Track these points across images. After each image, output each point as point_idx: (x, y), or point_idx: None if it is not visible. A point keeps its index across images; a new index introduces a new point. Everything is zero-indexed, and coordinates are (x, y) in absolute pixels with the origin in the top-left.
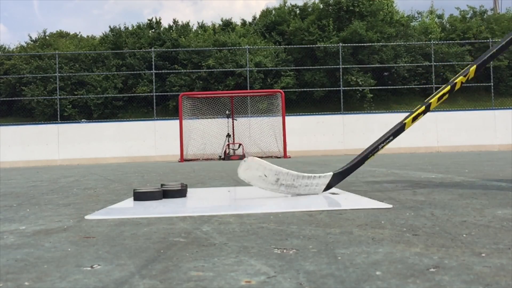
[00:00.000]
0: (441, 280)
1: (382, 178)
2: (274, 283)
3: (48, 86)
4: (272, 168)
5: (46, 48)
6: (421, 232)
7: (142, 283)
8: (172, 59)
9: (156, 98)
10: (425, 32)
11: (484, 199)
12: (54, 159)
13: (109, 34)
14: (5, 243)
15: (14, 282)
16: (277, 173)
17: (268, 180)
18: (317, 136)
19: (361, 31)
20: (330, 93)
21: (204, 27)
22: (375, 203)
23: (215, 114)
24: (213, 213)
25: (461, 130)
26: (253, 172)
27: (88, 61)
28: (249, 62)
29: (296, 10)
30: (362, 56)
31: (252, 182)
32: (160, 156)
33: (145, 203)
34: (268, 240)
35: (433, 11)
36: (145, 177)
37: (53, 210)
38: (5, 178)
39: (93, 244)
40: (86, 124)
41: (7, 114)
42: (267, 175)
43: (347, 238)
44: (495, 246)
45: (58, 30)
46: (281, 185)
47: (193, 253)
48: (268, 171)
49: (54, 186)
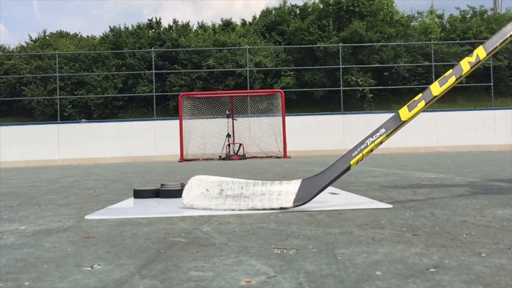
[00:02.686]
0: (441, 280)
1: (382, 178)
2: (274, 283)
3: (48, 86)
4: (214, 179)
5: (46, 48)
6: (421, 232)
7: (142, 283)
8: (172, 59)
9: (156, 98)
10: (425, 32)
11: (484, 199)
12: (54, 159)
13: (109, 34)
14: (5, 243)
15: (14, 282)
16: (220, 183)
17: (211, 195)
18: (317, 136)
19: (361, 31)
20: (330, 93)
21: (204, 27)
22: (375, 203)
23: (215, 114)
24: (213, 213)
25: (461, 130)
26: (194, 191)
27: (88, 61)
28: (249, 62)
29: (296, 10)
30: (362, 56)
31: (194, 204)
32: (160, 156)
33: (145, 203)
34: (268, 240)
35: (433, 11)
36: (145, 177)
37: (53, 210)
38: (5, 178)
39: (93, 244)
40: (86, 124)
41: (7, 114)
42: (209, 189)
43: (347, 238)
44: (495, 246)
45: (58, 30)
46: (227, 196)
47: (193, 253)
48: (210, 184)
49: (54, 186)
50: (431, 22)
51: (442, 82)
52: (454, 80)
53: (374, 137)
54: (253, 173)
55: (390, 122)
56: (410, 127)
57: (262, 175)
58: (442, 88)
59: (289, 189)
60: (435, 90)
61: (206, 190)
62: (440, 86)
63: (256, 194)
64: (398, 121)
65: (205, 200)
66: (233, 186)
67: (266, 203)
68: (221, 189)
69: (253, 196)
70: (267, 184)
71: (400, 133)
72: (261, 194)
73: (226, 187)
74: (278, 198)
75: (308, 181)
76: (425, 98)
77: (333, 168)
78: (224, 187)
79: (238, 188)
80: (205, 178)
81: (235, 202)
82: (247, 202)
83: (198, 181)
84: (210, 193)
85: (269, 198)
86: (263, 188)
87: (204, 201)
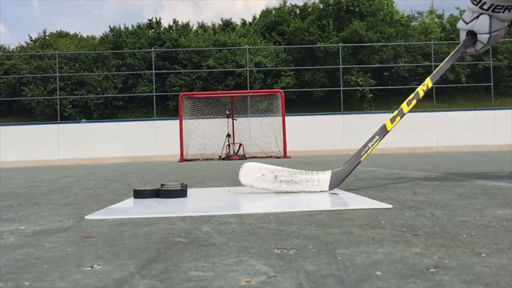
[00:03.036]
0: (441, 280)
1: (382, 178)
2: (274, 283)
3: (48, 86)
4: (267, 167)
5: (46, 48)
6: (421, 232)
7: (142, 283)
8: (172, 59)
9: (156, 98)
10: (425, 32)
11: (484, 199)
12: (54, 159)
13: (109, 34)
14: (5, 243)
15: (14, 282)
16: (273, 171)
17: (268, 179)
18: (317, 136)
19: (361, 31)
20: (330, 93)
21: (204, 27)
22: (375, 203)
23: (215, 114)
24: (213, 213)
25: (461, 130)
26: (251, 175)
27: (88, 61)
28: (249, 62)
29: (296, 10)
30: (362, 56)
31: (254, 184)
32: (160, 156)
33: (145, 203)
34: (268, 240)
35: (433, 11)
36: (145, 177)
37: (53, 210)
38: (5, 178)
39: (93, 244)
40: (86, 124)
41: (7, 114)
42: (265, 174)
43: (347, 238)
44: (495, 246)
45: (58, 30)
46: (281, 181)
47: (193, 253)
48: (265, 170)
49: (54, 186)
50: (431, 22)
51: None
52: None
53: (373, 140)
54: None
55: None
56: (410, 127)
57: None
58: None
59: (325, 178)
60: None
61: (263, 175)
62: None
63: (302, 180)
64: (384, 131)
65: (263, 183)
66: (284, 173)
67: (311, 187)
68: (275, 175)
69: (301, 182)
70: (309, 173)
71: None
72: (306, 181)
73: (279, 174)
74: (318, 184)
75: (335, 172)
76: (400, 114)
77: (350, 163)
78: (277, 174)
79: (289, 175)
80: (259, 164)
81: (288, 186)
82: (297, 186)
83: (254, 167)
84: (266, 177)
85: (312, 184)
86: (307, 177)
87: (262, 183)
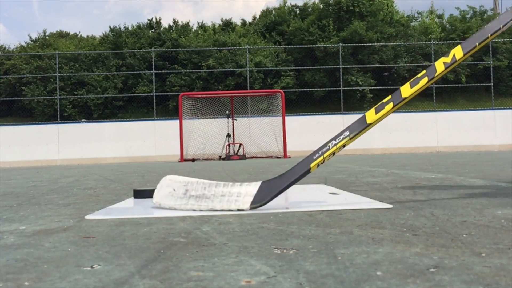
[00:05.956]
0: (441, 280)
1: (382, 178)
2: (274, 283)
3: (48, 86)
4: (182, 180)
5: (46, 48)
6: (421, 232)
7: (142, 283)
8: (172, 59)
9: (156, 98)
10: (425, 32)
11: (484, 199)
12: (54, 159)
13: (109, 34)
14: (5, 243)
15: (14, 282)
16: (186, 184)
17: (177, 195)
18: (317, 136)
19: (361, 31)
20: (330, 93)
21: (204, 27)
22: (375, 203)
23: (215, 114)
24: (213, 213)
25: (461, 130)
26: (163, 191)
27: (88, 61)
28: (249, 62)
29: (296, 10)
30: (362, 56)
31: (162, 203)
32: (160, 156)
33: (145, 203)
34: (268, 240)
35: (433, 11)
36: (145, 177)
37: (53, 210)
38: (5, 178)
39: (93, 244)
40: (86, 124)
41: (7, 114)
42: (176, 189)
43: (347, 238)
44: (495, 246)
45: (58, 30)
46: (190, 197)
47: (193, 253)
48: (177, 184)
49: (54, 186)
50: (431, 22)
51: (414, 84)
52: (426, 81)
53: (337, 140)
54: (253, 173)
55: (355, 125)
56: (410, 127)
57: (262, 175)
58: (412, 90)
59: (248, 191)
60: (405, 92)
61: (173, 190)
62: (410, 88)
63: (216, 195)
64: (363, 123)
65: (171, 200)
66: (197, 186)
67: (224, 204)
68: (186, 189)
69: (214, 197)
70: (228, 186)
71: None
72: (221, 195)
73: (190, 188)
74: (237, 200)
75: (267, 183)
76: (394, 100)
77: (292, 171)
78: (189, 188)
79: (201, 188)
80: (174, 178)
81: (196, 203)
82: (207, 202)
83: (168, 181)
84: (176, 193)
85: (228, 199)
86: (224, 190)
87: (170, 200)
